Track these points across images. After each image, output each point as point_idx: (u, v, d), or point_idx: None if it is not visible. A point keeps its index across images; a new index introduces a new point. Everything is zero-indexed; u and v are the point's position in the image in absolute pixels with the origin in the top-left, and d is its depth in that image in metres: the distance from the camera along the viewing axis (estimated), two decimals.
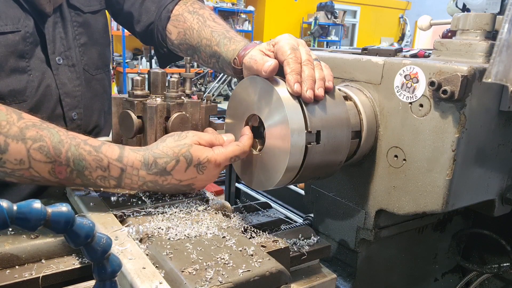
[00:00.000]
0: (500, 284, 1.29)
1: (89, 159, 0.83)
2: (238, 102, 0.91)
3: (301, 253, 0.84)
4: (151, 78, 1.03)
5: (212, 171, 0.88)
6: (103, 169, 0.84)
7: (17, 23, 1.05)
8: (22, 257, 0.73)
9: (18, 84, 1.07)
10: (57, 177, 0.84)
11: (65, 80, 1.17)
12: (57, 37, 1.15)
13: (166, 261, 0.69)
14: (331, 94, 0.87)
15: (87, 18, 1.25)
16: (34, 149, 0.81)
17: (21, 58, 1.07)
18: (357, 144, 0.93)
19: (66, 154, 0.82)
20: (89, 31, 1.26)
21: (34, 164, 0.81)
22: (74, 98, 1.20)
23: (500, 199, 0.97)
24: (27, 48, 1.08)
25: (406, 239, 1.14)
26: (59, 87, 1.16)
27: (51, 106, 1.15)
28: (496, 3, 1.50)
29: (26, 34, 1.07)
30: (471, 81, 0.77)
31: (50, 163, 0.82)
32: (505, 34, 0.69)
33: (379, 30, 14.70)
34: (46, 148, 0.81)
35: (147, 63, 9.63)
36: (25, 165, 0.81)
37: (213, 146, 0.90)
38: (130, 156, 0.86)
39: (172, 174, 0.86)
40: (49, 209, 0.48)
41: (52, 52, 1.14)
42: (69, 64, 1.18)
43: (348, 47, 2.06)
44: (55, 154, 0.82)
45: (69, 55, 1.19)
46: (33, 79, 1.10)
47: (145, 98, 1.00)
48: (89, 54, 1.27)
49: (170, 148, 0.86)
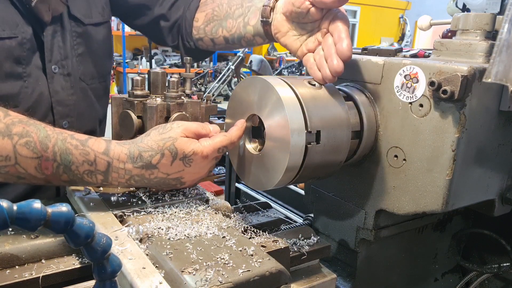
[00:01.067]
0: (500, 284, 1.29)
1: (76, 153, 0.83)
2: (238, 102, 0.91)
3: (301, 253, 0.84)
4: (151, 78, 1.03)
5: (199, 163, 0.87)
6: (89, 163, 0.84)
7: (15, 28, 1.05)
8: (22, 257, 0.73)
9: (12, 89, 1.07)
10: (43, 173, 0.83)
11: (58, 88, 1.17)
12: (55, 45, 1.15)
13: (166, 261, 0.69)
14: (331, 94, 0.87)
15: (87, 29, 1.25)
16: (21, 144, 0.80)
17: (18, 64, 1.07)
18: (357, 144, 0.93)
19: (53, 149, 0.82)
20: (88, 42, 1.26)
21: (20, 159, 0.80)
22: (66, 106, 1.20)
23: (500, 199, 0.97)
24: (24, 54, 1.08)
25: (406, 239, 1.14)
26: (52, 95, 1.16)
27: (42, 114, 1.14)
28: (496, 3, 1.50)
29: (23, 40, 1.06)
30: (471, 81, 0.77)
31: (37, 159, 0.81)
32: (505, 34, 0.69)
33: (379, 30, 14.69)
34: (33, 143, 0.81)
35: (147, 63, 9.63)
36: (11, 161, 0.80)
37: (200, 136, 0.89)
38: (116, 149, 0.86)
39: (158, 167, 0.85)
40: (49, 209, 0.48)
41: (48, 60, 1.14)
42: (64, 73, 1.18)
43: None
44: (41, 149, 0.81)
45: (65, 64, 1.18)
46: (28, 85, 1.10)
47: (145, 98, 1.00)
48: (85, 64, 1.26)
49: (155, 142, 0.85)
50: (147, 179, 0.87)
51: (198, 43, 1.37)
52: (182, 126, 0.88)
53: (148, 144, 0.86)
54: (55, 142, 0.83)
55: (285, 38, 1.00)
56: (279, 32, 1.01)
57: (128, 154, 0.85)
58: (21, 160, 0.81)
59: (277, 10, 1.03)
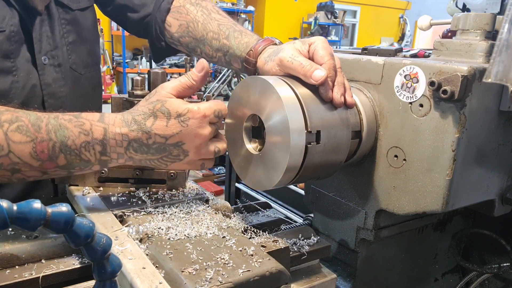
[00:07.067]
0: (500, 284, 1.29)
1: (71, 126, 0.80)
2: (238, 102, 0.91)
3: (301, 253, 0.84)
4: (151, 78, 1.03)
5: (197, 123, 0.82)
6: (86, 133, 0.81)
7: (1, 22, 1.01)
8: (22, 257, 0.73)
9: (3, 85, 1.04)
10: (39, 158, 0.79)
11: (49, 80, 1.14)
12: (43, 35, 1.12)
13: (166, 261, 0.69)
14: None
15: (75, 15, 1.21)
16: (12, 130, 0.77)
17: (6, 58, 1.04)
18: (357, 144, 0.93)
19: (46, 128, 0.79)
20: (78, 28, 1.23)
21: (14, 147, 0.77)
22: (58, 99, 1.17)
23: (500, 199, 0.97)
24: (12, 47, 1.04)
25: (406, 239, 1.14)
26: (43, 88, 1.13)
27: (34, 107, 1.10)
28: (496, 3, 1.50)
29: (11, 34, 1.03)
30: (471, 81, 0.77)
31: (31, 142, 0.78)
32: (505, 34, 0.69)
33: (379, 30, 14.70)
34: (25, 127, 0.78)
35: (147, 63, 9.64)
36: (4, 151, 0.77)
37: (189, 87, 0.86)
38: (111, 116, 0.83)
39: (154, 129, 0.81)
40: (49, 209, 0.48)
41: (38, 51, 1.10)
42: (54, 64, 1.15)
43: (348, 47, 2.06)
44: (34, 130, 0.78)
45: (55, 55, 1.15)
46: (18, 79, 1.07)
47: None
48: (77, 52, 1.23)
49: (145, 106, 0.83)
50: (146, 146, 0.83)
51: (171, 45, 1.35)
52: (166, 87, 0.84)
53: (139, 109, 0.83)
54: (48, 121, 0.80)
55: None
56: (266, 73, 1.01)
57: (122, 119, 0.83)
58: (14, 148, 0.77)
59: (261, 62, 1.03)
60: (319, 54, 0.86)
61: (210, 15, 1.23)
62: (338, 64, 0.87)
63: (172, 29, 1.30)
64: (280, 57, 0.90)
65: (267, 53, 1.02)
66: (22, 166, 0.79)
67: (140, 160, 0.85)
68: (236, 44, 1.14)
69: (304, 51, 0.89)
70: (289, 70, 0.88)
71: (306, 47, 0.89)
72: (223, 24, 1.20)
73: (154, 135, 0.82)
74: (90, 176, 0.98)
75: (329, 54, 0.86)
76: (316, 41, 0.89)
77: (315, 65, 0.84)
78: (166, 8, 1.30)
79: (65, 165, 0.82)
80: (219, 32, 1.19)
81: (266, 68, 0.99)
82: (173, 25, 1.29)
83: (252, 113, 0.88)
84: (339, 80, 0.85)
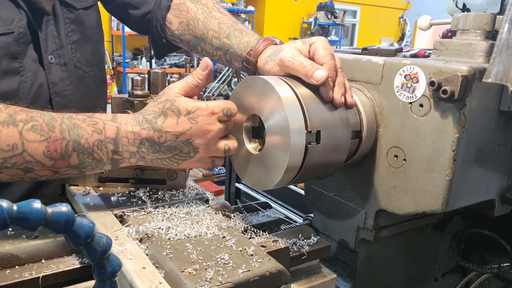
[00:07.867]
0: (500, 284, 1.29)
1: (84, 125, 0.82)
2: (238, 102, 0.91)
3: (301, 253, 0.84)
4: (151, 78, 1.03)
5: (206, 119, 0.84)
6: (99, 132, 0.82)
7: (10, 24, 1.02)
8: (22, 257, 0.73)
9: (11, 85, 1.05)
10: (52, 157, 0.80)
11: (56, 79, 1.15)
12: (49, 35, 1.13)
13: (166, 261, 0.69)
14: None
15: (79, 15, 1.23)
16: (27, 129, 0.79)
17: (14, 59, 1.05)
18: (357, 144, 0.93)
19: (60, 127, 0.81)
20: (82, 27, 1.24)
21: (28, 146, 0.79)
22: (65, 97, 1.18)
23: (500, 199, 0.97)
24: (20, 48, 1.06)
25: (406, 239, 1.14)
26: (50, 86, 1.14)
27: (42, 106, 1.09)
28: (496, 3, 1.50)
29: (19, 35, 1.04)
30: (471, 81, 0.77)
31: (45, 141, 0.79)
32: (505, 34, 0.69)
33: (379, 30, 14.70)
34: (39, 126, 0.79)
35: (147, 63, 9.63)
36: (18, 150, 0.78)
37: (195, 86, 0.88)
38: (123, 116, 0.85)
39: (165, 127, 0.83)
40: (49, 209, 0.48)
41: (45, 50, 1.12)
42: (61, 63, 1.16)
43: (348, 47, 2.06)
44: (48, 129, 0.80)
45: (61, 54, 1.17)
46: (26, 79, 1.08)
47: (145, 98, 1.00)
48: (81, 51, 1.24)
49: (154, 106, 0.85)
50: (157, 145, 0.84)
51: (172, 42, 1.37)
52: (174, 88, 0.87)
53: (149, 109, 0.86)
54: (62, 120, 0.81)
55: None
56: (267, 73, 1.01)
57: (134, 118, 0.85)
58: (28, 147, 0.79)
59: (261, 62, 1.03)
60: (320, 54, 0.86)
61: (210, 13, 1.24)
62: (338, 64, 0.87)
63: (172, 27, 1.31)
64: (280, 57, 0.90)
65: (268, 53, 1.03)
66: (34, 165, 0.81)
67: (152, 160, 0.87)
68: (236, 43, 1.14)
69: (305, 51, 0.89)
70: (289, 70, 0.88)
71: (306, 47, 0.90)
72: (224, 22, 1.20)
73: (165, 132, 0.84)
74: (90, 176, 0.98)
75: (330, 54, 0.86)
76: (316, 41, 0.89)
77: (316, 65, 0.84)
78: (167, 6, 1.31)
79: (77, 164, 0.83)
80: (219, 31, 1.19)
81: (266, 68, 0.99)
82: (174, 23, 1.30)
83: (252, 113, 0.88)
84: (339, 80, 0.85)
